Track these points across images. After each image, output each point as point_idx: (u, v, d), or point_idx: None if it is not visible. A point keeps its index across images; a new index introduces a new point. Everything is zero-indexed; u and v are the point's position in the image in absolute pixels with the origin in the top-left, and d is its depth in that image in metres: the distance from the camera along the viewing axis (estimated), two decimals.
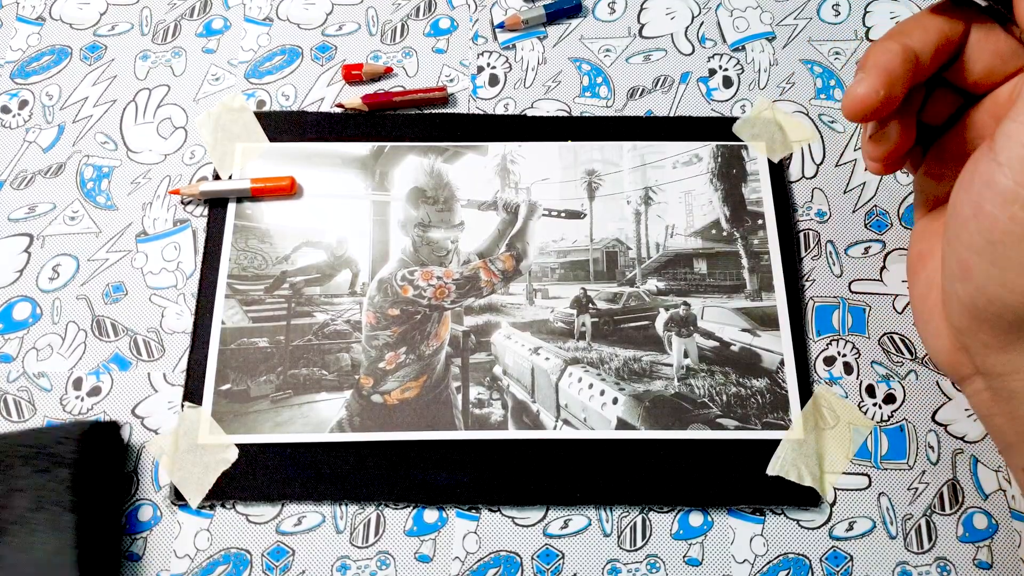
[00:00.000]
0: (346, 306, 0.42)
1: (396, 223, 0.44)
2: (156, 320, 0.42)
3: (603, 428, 0.39)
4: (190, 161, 0.45)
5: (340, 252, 0.43)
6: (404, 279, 0.42)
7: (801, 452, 0.39)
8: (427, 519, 0.38)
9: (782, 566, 0.38)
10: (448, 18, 0.49)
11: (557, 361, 0.41)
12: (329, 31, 0.49)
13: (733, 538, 0.38)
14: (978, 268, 0.29)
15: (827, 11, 0.50)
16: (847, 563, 0.38)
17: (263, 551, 0.38)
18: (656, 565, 0.38)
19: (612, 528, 0.38)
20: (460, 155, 0.45)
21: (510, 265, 0.43)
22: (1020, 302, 0.28)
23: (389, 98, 0.46)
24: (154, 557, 0.37)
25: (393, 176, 0.44)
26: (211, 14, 0.49)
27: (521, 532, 0.38)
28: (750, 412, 0.40)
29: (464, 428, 0.39)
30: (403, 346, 0.41)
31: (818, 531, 0.38)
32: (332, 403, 0.40)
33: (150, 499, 0.38)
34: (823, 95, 0.47)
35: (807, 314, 0.42)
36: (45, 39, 0.48)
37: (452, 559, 0.38)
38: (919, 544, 0.38)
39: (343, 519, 0.38)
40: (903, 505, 0.39)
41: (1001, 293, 0.28)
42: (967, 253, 0.29)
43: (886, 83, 0.30)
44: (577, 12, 0.50)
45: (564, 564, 0.38)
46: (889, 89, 0.30)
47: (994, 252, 0.28)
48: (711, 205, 0.44)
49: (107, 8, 0.49)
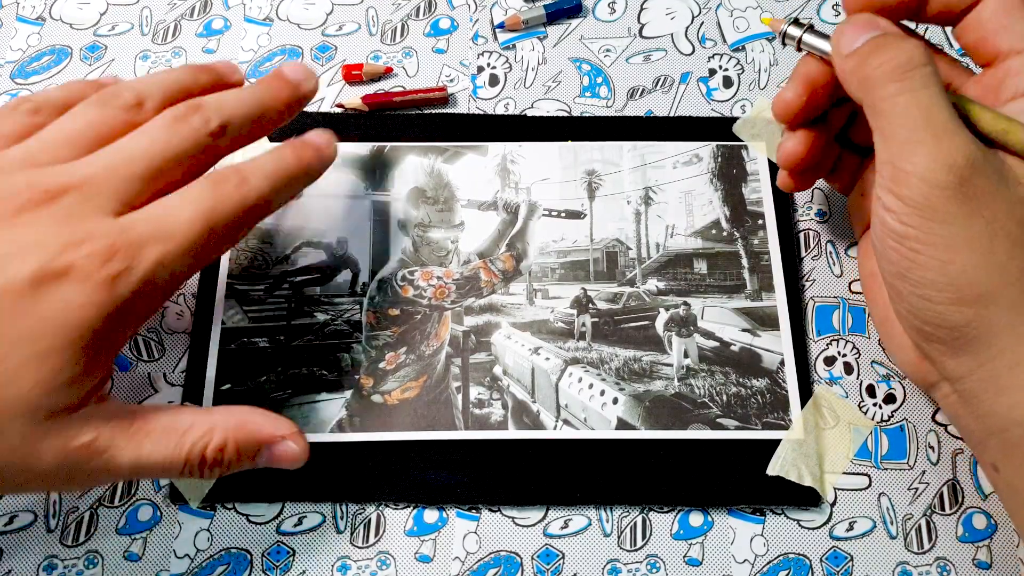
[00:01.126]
0: (346, 306, 0.42)
1: (396, 223, 0.44)
2: (156, 320, 0.42)
3: (603, 428, 0.39)
4: None
5: (340, 252, 0.43)
6: (404, 279, 0.42)
7: (801, 452, 0.39)
8: (427, 519, 0.38)
9: (782, 566, 0.38)
10: (448, 18, 0.49)
11: (557, 361, 0.41)
12: (329, 31, 0.49)
13: (733, 538, 0.38)
14: (904, 290, 0.32)
15: (827, 11, 0.50)
16: (847, 563, 0.38)
17: (263, 551, 0.38)
18: (656, 565, 0.38)
19: (612, 528, 0.38)
20: (460, 155, 0.45)
21: (510, 265, 0.43)
22: (945, 314, 0.31)
23: (389, 98, 0.46)
24: (154, 557, 0.37)
25: (393, 176, 0.44)
26: (211, 14, 0.49)
27: (521, 532, 0.38)
28: (750, 412, 0.40)
29: (464, 428, 0.39)
30: (403, 346, 0.41)
31: (818, 531, 0.38)
32: (332, 403, 0.40)
33: (150, 499, 0.38)
34: None
35: (807, 314, 0.42)
36: (45, 39, 0.48)
37: (452, 559, 0.38)
38: (919, 544, 0.38)
39: (343, 519, 0.38)
40: (903, 505, 0.39)
41: (927, 308, 0.31)
42: (891, 279, 0.33)
43: (808, 91, 0.36)
44: (577, 12, 0.50)
45: (564, 564, 0.38)
46: (810, 97, 0.36)
47: (907, 277, 0.31)
48: (711, 205, 0.44)
49: (107, 8, 0.49)
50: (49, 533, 0.38)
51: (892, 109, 0.31)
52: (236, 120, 0.33)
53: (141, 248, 0.29)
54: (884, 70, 0.31)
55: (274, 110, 0.35)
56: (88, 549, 0.37)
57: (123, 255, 0.29)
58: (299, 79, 0.36)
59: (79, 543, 0.37)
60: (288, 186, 0.34)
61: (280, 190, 0.33)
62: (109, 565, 0.37)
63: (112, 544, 0.38)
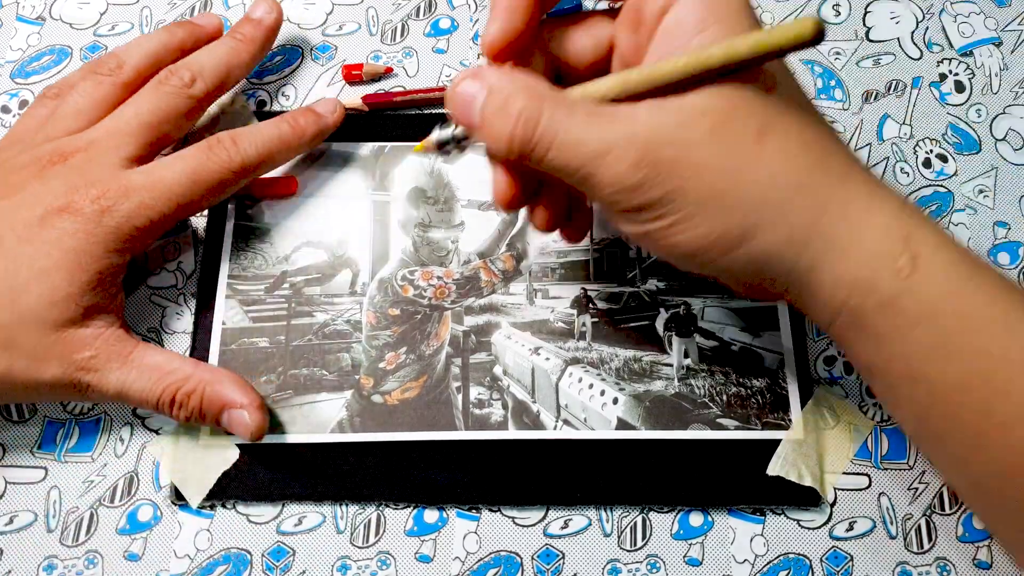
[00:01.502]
0: (346, 306, 0.42)
1: (396, 223, 0.44)
2: (156, 320, 0.42)
3: (603, 428, 0.39)
4: None
5: (340, 252, 0.43)
6: (404, 279, 0.42)
7: (801, 452, 0.39)
8: (427, 519, 0.38)
9: (782, 566, 0.38)
10: (448, 18, 0.49)
11: (557, 361, 0.41)
12: (329, 31, 0.49)
13: (733, 538, 0.38)
14: (706, 269, 0.32)
15: (827, 11, 0.50)
16: (847, 563, 0.38)
17: (263, 551, 0.38)
18: (656, 565, 0.38)
19: (612, 528, 0.38)
20: (460, 155, 0.45)
21: (510, 265, 0.43)
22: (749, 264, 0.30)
23: (389, 98, 0.46)
24: (154, 557, 0.37)
25: (393, 176, 0.44)
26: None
27: (521, 532, 0.38)
28: (750, 412, 0.40)
29: (464, 428, 0.39)
30: (403, 346, 0.41)
31: (818, 531, 0.38)
32: (332, 403, 0.40)
33: (150, 499, 0.38)
34: (823, 95, 0.47)
35: None
36: (45, 39, 0.48)
37: (452, 559, 0.38)
38: (919, 544, 0.38)
39: (343, 519, 0.38)
40: (903, 505, 0.39)
41: (730, 272, 0.31)
42: (694, 268, 0.32)
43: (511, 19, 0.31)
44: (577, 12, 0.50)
45: (564, 564, 0.38)
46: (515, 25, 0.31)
47: (698, 258, 0.31)
48: None
49: (107, 8, 0.49)
50: (49, 533, 0.38)
51: (558, 168, 0.30)
52: (206, 72, 0.41)
53: (129, 192, 0.36)
54: (520, 139, 0.30)
55: (239, 66, 0.42)
56: (88, 549, 0.37)
57: (112, 195, 0.36)
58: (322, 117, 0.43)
59: (79, 543, 0.37)
60: (281, 152, 0.40)
61: (271, 156, 0.40)
62: (109, 565, 0.37)
63: (112, 544, 0.38)
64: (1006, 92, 0.47)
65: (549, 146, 0.29)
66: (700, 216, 0.29)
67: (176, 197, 0.37)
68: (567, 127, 0.29)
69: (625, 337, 0.41)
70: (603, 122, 0.29)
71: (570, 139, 0.29)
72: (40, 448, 0.39)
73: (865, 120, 0.47)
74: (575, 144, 0.29)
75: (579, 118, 0.29)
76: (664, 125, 0.29)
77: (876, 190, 0.30)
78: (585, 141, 0.29)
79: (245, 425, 0.36)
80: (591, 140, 0.29)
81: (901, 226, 0.29)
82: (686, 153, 0.29)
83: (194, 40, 0.43)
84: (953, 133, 0.47)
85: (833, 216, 0.29)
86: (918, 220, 0.30)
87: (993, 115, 0.47)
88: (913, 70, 0.48)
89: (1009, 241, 0.44)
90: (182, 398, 0.36)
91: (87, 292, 0.35)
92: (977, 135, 0.46)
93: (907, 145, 0.46)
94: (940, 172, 0.46)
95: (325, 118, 0.42)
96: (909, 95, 0.47)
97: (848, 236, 0.29)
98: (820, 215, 0.29)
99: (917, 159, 0.46)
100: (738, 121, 0.29)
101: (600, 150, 0.29)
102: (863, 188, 0.30)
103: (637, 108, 0.29)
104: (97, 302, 0.36)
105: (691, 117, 0.29)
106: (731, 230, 0.29)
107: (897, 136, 0.46)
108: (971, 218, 0.45)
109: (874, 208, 0.30)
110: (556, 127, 0.29)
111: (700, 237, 0.29)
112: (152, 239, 0.38)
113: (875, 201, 0.30)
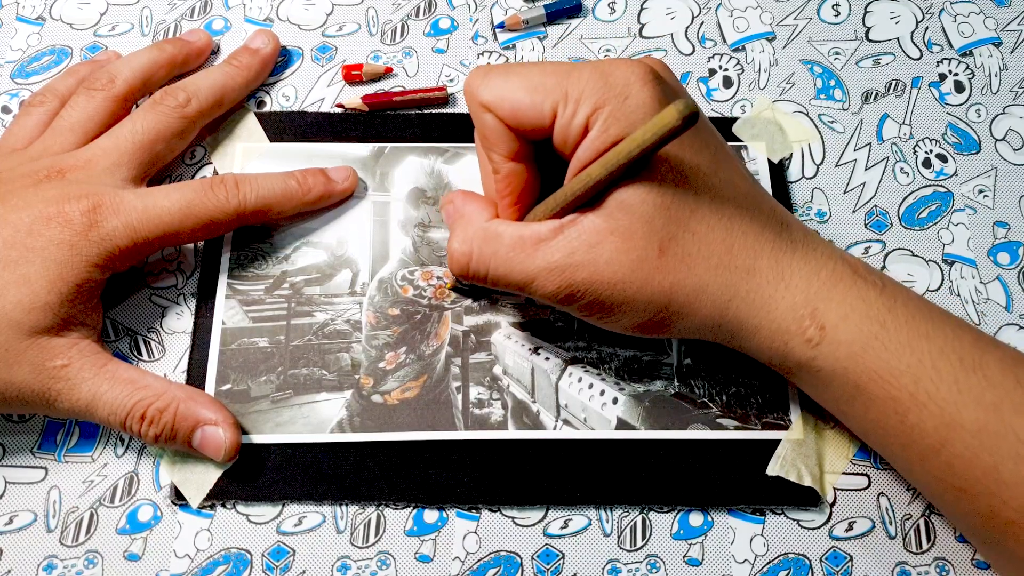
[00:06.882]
0: (346, 306, 0.42)
1: (396, 223, 0.44)
2: (156, 320, 0.42)
3: (603, 428, 0.39)
4: (190, 161, 0.45)
5: (340, 252, 0.43)
6: (404, 279, 0.42)
7: (801, 452, 0.39)
8: (427, 519, 0.38)
9: (782, 566, 0.38)
10: (448, 18, 0.49)
11: (557, 361, 0.41)
12: (329, 31, 0.49)
13: (733, 538, 0.38)
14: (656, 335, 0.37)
15: (827, 11, 0.50)
16: (847, 563, 0.38)
17: (263, 551, 0.38)
18: (656, 565, 0.38)
19: (612, 528, 0.38)
20: (460, 156, 0.45)
21: None
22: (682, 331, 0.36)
23: (389, 98, 0.46)
24: (154, 557, 0.37)
25: (393, 176, 0.44)
26: (211, 15, 0.49)
27: (521, 532, 0.38)
28: (750, 412, 0.40)
29: (464, 428, 0.39)
30: (403, 346, 0.41)
31: (818, 531, 0.38)
32: (332, 403, 0.40)
33: (150, 499, 0.38)
34: (823, 95, 0.47)
35: None
36: (45, 39, 0.48)
37: (452, 559, 0.38)
38: (918, 544, 0.38)
39: (343, 519, 0.38)
40: (902, 505, 0.39)
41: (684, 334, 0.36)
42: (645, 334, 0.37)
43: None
44: (577, 12, 0.50)
45: (564, 564, 0.38)
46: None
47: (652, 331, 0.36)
48: None
49: (107, 8, 0.49)
50: (49, 533, 0.38)
51: (500, 287, 0.36)
52: (201, 93, 0.42)
53: (120, 211, 0.37)
54: (466, 268, 0.36)
55: (234, 89, 0.44)
56: (88, 549, 0.37)
57: (103, 211, 0.36)
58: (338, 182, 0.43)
59: (79, 543, 0.37)
60: (282, 205, 0.41)
61: (270, 206, 0.40)
62: (109, 565, 0.37)
63: (112, 544, 0.38)
64: (1006, 92, 0.48)
65: (486, 274, 0.36)
66: (621, 313, 0.34)
67: (164, 225, 0.37)
68: (495, 264, 0.35)
69: (625, 337, 0.41)
70: (525, 257, 0.34)
71: (499, 272, 0.35)
72: (40, 448, 0.39)
73: (865, 120, 0.47)
74: (505, 275, 0.35)
75: (502, 256, 0.35)
76: (577, 251, 0.34)
77: (784, 273, 0.34)
78: (510, 273, 0.35)
79: (219, 442, 0.37)
80: (515, 273, 0.35)
81: (807, 302, 0.34)
82: (598, 274, 0.33)
83: (184, 56, 0.45)
84: (953, 133, 0.47)
85: (739, 305, 0.34)
86: (826, 293, 0.34)
87: (993, 115, 0.47)
88: (913, 70, 0.48)
89: (1009, 241, 0.44)
90: (153, 414, 0.36)
91: (65, 303, 0.35)
92: (977, 135, 0.47)
93: (907, 145, 0.46)
94: (940, 172, 0.46)
95: (334, 184, 0.42)
96: (909, 95, 0.48)
97: (755, 320, 0.34)
98: (725, 308, 0.34)
99: (917, 159, 0.46)
100: (640, 238, 0.33)
101: (525, 280, 0.35)
102: (769, 276, 0.34)
103: (558, 238, 0.34)
104: (74, 314, 0.36)
105: (600, 239, 0.33)
106: (651, 320, 0.35)
107: (897, 136, 0.46)
108: (971, 218, 0.45)
109: (778, 296, 0.34)
110: (487, 262, 0.35)
111: (629, 326, 0.35)
112: (134, 261, 0.38)
113: (780, 287, 0.34)
